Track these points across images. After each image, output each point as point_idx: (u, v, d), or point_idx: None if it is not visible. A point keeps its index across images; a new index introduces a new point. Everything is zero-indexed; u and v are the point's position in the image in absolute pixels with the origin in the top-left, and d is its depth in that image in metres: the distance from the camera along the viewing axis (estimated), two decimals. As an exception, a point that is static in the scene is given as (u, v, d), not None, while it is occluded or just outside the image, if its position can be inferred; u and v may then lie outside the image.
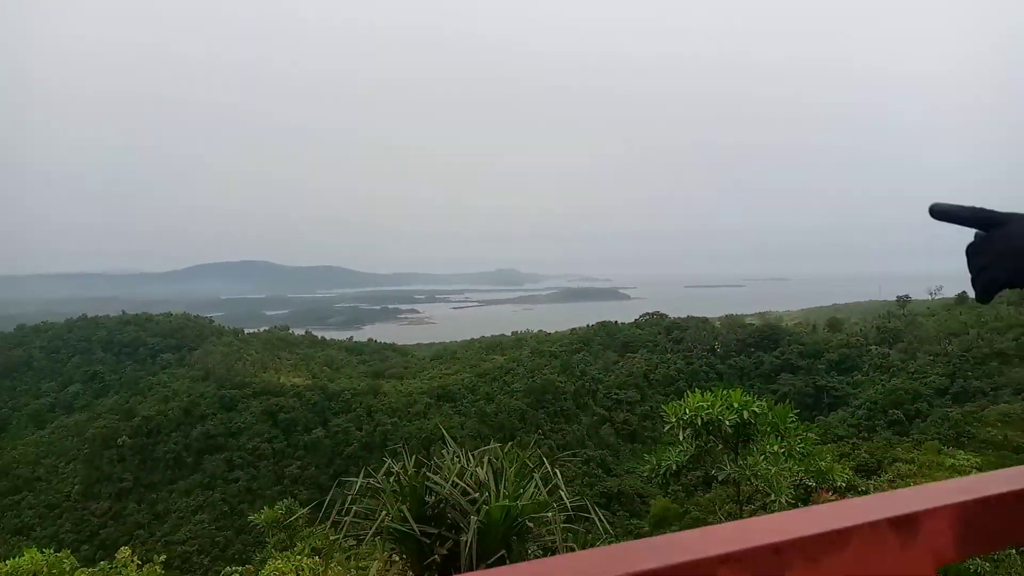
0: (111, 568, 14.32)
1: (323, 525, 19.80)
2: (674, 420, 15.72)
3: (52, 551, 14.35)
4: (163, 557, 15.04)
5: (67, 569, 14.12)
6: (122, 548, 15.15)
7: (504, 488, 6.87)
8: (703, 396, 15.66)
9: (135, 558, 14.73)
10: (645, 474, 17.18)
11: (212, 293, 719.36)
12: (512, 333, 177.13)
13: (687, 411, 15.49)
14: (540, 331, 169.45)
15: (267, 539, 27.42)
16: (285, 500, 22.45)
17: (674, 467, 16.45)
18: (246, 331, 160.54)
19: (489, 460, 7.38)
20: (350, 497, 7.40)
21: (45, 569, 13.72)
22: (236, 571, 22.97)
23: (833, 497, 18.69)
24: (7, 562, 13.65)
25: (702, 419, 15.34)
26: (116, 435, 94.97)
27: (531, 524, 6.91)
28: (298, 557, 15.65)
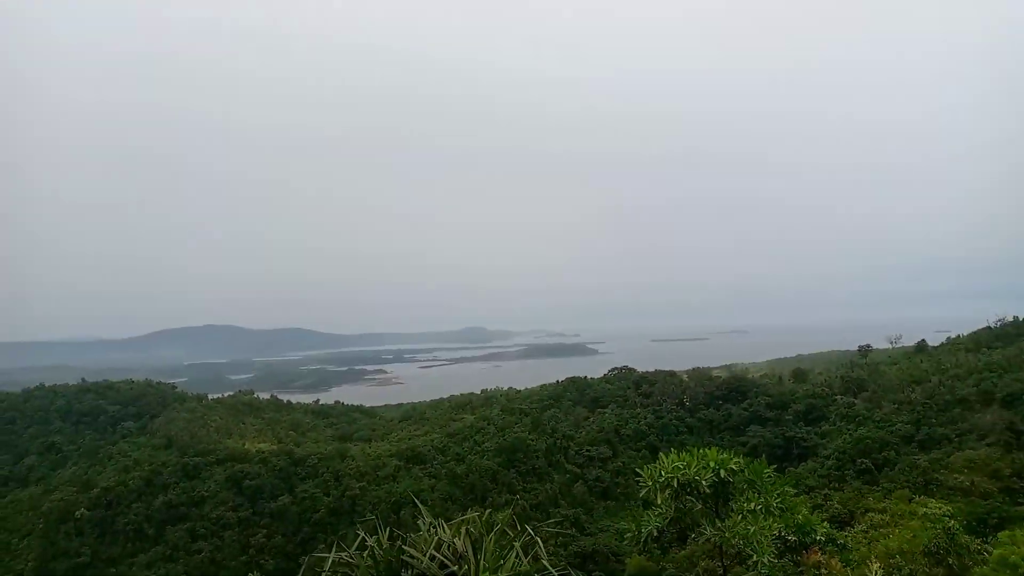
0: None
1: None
2: (651, 484, 15.95)
3: None
4: None
5: None
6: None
7: (484, 559, 7.01)
8: (679, 456, 15.93)
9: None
10: (626, 540, 17.28)
11: (175, 359, 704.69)
12: (481, 391, 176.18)
13: (663, 473, 15.76)
14: (510, 388, 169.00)
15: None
16: (251, 573, 22.13)
17: (655, 532, 16.62)
18: (210, 396, 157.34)
19: (467, 530, 7.48)
20: (323, 573, 7.43)
21: None
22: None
23: (823, 558, 19.01)
24: None
25: (679, 481, 15.60)
26: (74, 508, 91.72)
27: None
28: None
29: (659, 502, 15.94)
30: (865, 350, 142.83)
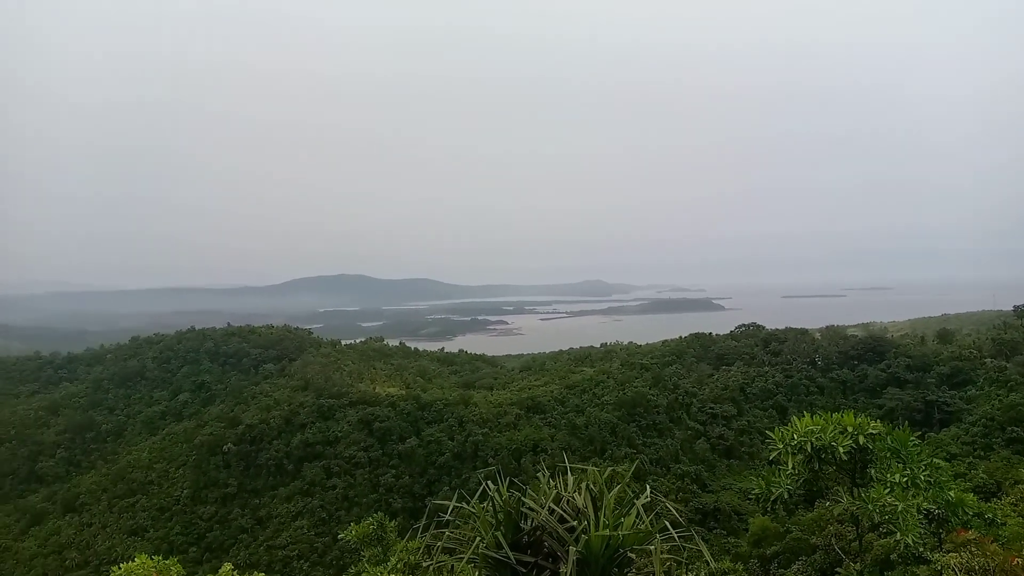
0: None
1: (416, 541, 19.85)
2: (781, 447, 14.78)
3: (161, 558, 14.76)
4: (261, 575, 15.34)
5: (174, 575, 14.48)
6: (225, 564, 15.49)
7: (604, 516, 6.63)
8: (813, 420, 14.68)
9: (235, 573, 15.01)
10: (752, 496, 16.25)
11: (310, 306, 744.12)
12: (601, 345, 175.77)
13: (795, 436, 14.56)
14: (630, 342, 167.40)
15: (362, 551, 27.77)
16: (378, 513, 22.64)
17: (785, 495, 15.47)
18: (343, 342, 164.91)
19: (587, 485, 7.07)
20: (444, 520, 7.24)
21: (155, 574, 14.10)
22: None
23: (971, 535, 17.23)
24: (121, 566, 14.10)
25: (812, 445, 14.35)
26: (222, 442, 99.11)
27: (633, 556, 6.65)
28: (393, 575, 15.67)
29: (790, 466, 14.77)
30: (1021, 310, 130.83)
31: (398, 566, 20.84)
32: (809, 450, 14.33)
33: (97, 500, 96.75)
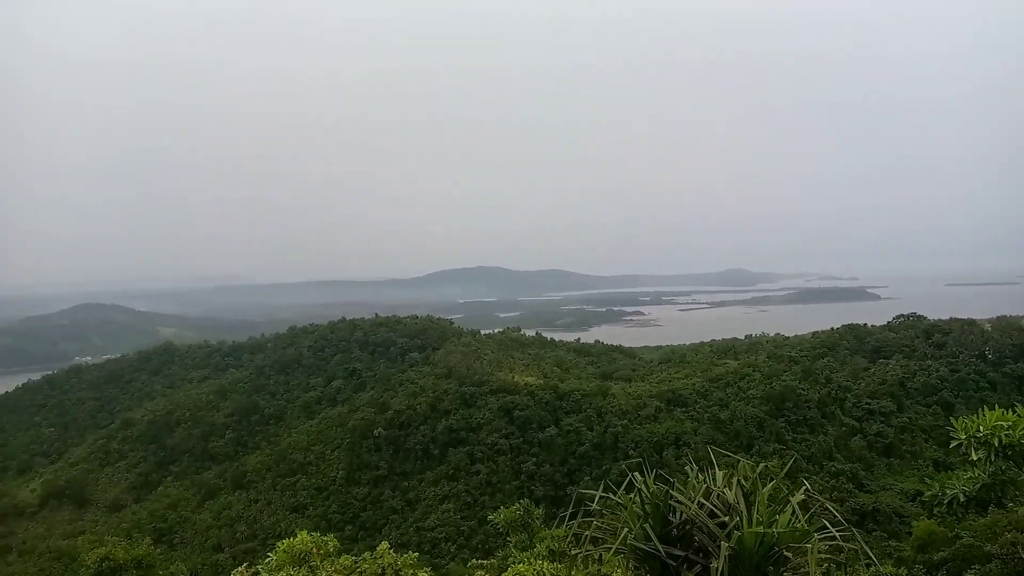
0: (372, 557, 15.58)
1: (561, 528, 20.16)
2: (964, 437, 13.83)
3: (319, 534, 15.84)
4: (415, 555, 16.15)
5: (332, 551, 15.52)
6: (382, 543, 16.41)
7: (757, 512, 6.48)
8: (1004, 415, 13.61)
9: (392, 551, 15.87)
10: (925, 500, 15.27)
11: (451, 297, 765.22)
12: (745, 336, 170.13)
13: (981, 428, 13.57)
14: (777, 334, 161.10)
15: (508, 537, 28.48)
16: (523, 500, 23.19)
17: (961, 497, 14.47)
18: (482, 332, 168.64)
19: (739, 480, 6.94)
20: (591, 508, 7.29)
21: (315, 550, 15.19)
22: (480, 564, 24.04)
23: None
24: (283, 541, 15.26)
25: (1000, 440, 13.32)
26: (372, 427, 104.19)
27: (789, 554, 6.45)
28: (539, 562, 16.06)
29: (973, 457, 13.73)
30: None
31: (544, 552, 21.33)
32: (997, 445, 13.36)
33: (262, 478, 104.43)
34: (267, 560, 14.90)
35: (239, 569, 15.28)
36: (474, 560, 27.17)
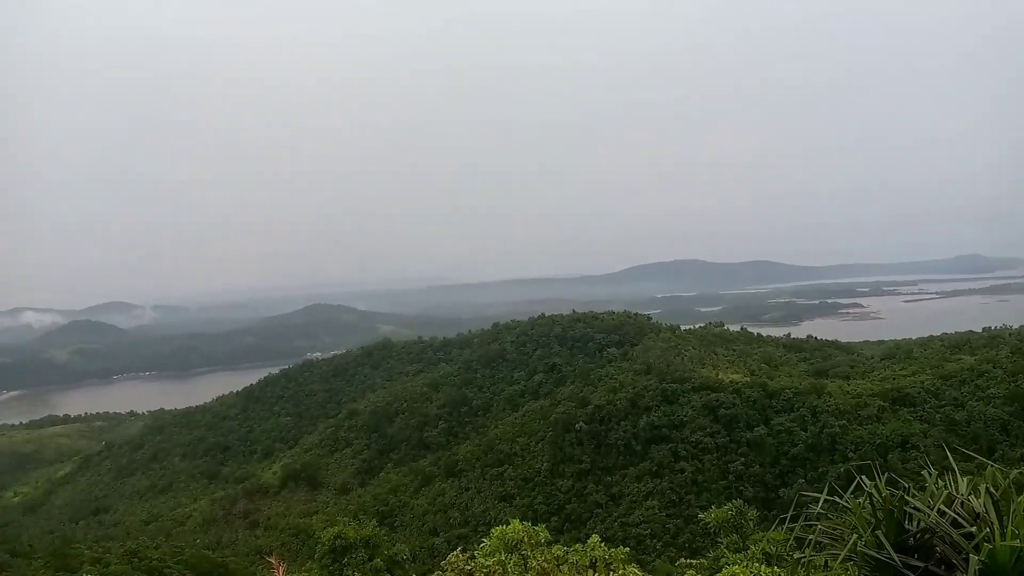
0: (583, 549, 15.90)
1: (779, 531, 19.33)
2: None
3: (530, 524, 16.38)
4: (626, 550, 16.28)
5: (542, 541, 15.99)
6: (593, 536, 16.70)
7: (1011, 524, 5.83)
8: None
9: (603, 545, 16.11)
10: None
11: (648, 292, 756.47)
12: (983, 329, 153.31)
13: None
14: (1023, 327, 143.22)
15: (719, 538, 27.78)
16: (735, 500, 22.52)
17: None
18: (682, 328, 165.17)
19: (986, 488, 6.35)
20: (812, 512, 6.97)
21: (526, 539, 15.72)
22: (690, 563, 23.73)
23: None
24: (497, 528, 15.94)
25: None
26: (574, 421, 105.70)
27: None
28: (756, 564, 15.59)
29: None
30: None
31: (758, 555, 20.59)
32: None
33: (472, 467, 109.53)
34: (482, 545, 15.62)
35: (455, 553, 16.22)
36: (682, 559, 26.88)
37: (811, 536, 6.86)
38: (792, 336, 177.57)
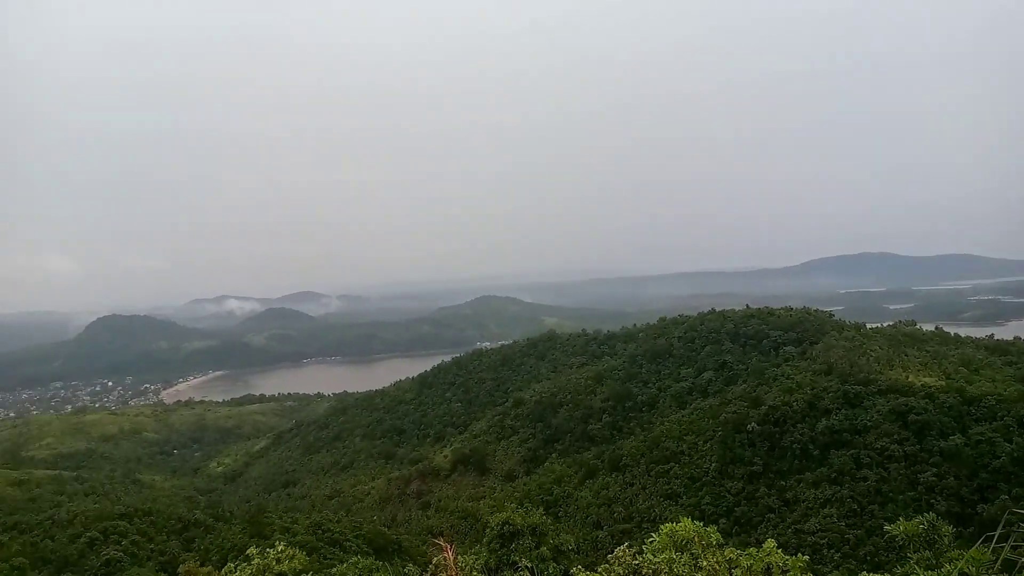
0: (757, 553, 14.92)
1: (980, 550, 17.15)
2: None
3: (701, 524, 15.59)
4: (805, 558, 15.11)
5: (713, 542, 15.17)
6: (769, 541, 15.61)
7: None
8: None
9: (779, 550, 15.05)
10: None
11: (829, 287, 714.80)
12: None
13: None
14: None
15: (908, 553, 25.24)
16: (926, 514, 20.21)
17: None
18: (867, 326, 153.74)
19: None
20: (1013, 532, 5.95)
21: (696, 539, 14.99)
22: (873, 577, 21.66)
23: None
24: (666, 525, 15.31)
25: None
26: (745, 421, 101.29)
27: None
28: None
29: None
30: None
31: (954, 575, 18.39)
32: None
33: (636, 463, 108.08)
34: (650, 541, 15.27)
35: (622, 547, 15.91)
36: (864, 573, 24.80)
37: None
38: (996, 337, 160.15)
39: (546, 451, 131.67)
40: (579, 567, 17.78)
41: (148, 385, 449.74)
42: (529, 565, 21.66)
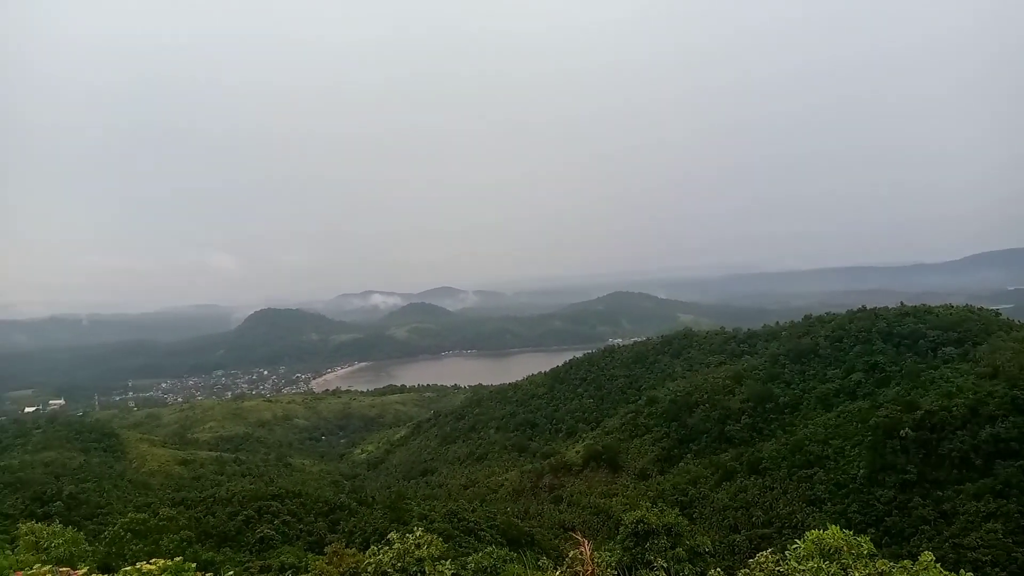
0: (913, 567, 13.93)
1: None
2: None
3: (851, 533, 14.73)
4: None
5: (864, 552, 14.29)
6: (925, 554, 14.50)
7: None
8: None
9: (938, 565, 13.99)
10: None
11: (995, 283, 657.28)
12: None
13: None
14: None
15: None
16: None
17: None
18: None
19: None
20: None
21: (845, 548, 14.19)
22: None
23: None
24: (812, 532, 14.61)
25: None
26: (898, 426, 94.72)
27: None
28: None
29: None
30: None
31: None
32: None
33: (777, 466, 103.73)
34: (794, 547, 14.71)
35: (765, 553, 15.45)
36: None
37: None
38: None
39: (680, 451, 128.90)
40: (717, 569, 17.34)
41: (299, 374, 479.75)
42: (665, 565, 21.36)
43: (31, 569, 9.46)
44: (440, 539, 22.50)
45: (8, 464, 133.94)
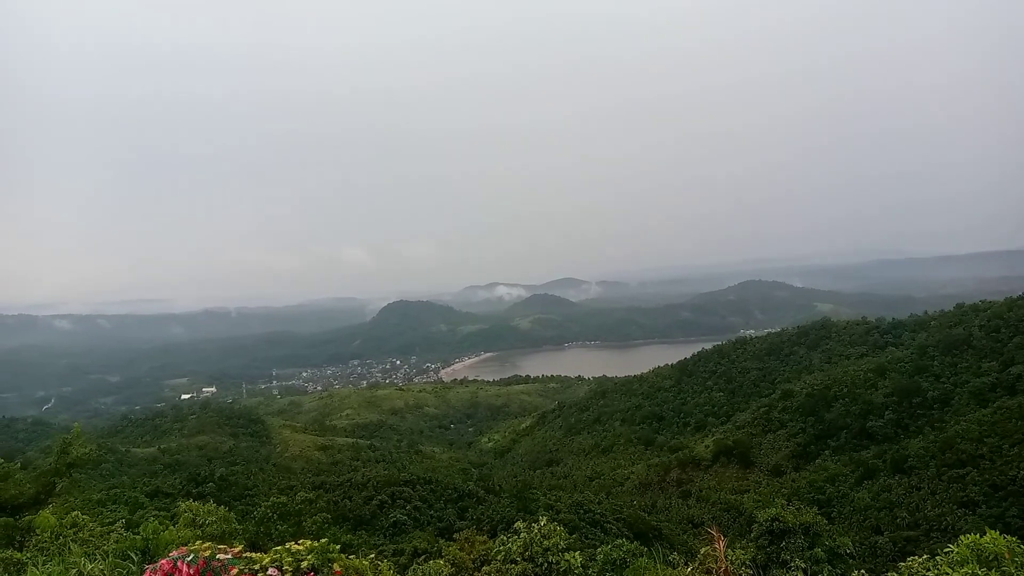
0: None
1: None
2: None
3: (1015, 539, 13.44)
4: None
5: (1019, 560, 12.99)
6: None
7: None
8: None
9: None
10: None
11: None
12: None
13: None
14: None
15: None
16: None
17: None
18: None
19: None
20: None
21: (1007, 555, 12.92)
22: None
23: None
24: (967, 536, 13.51)
25: None
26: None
27: None
28: None
29: None
30: None
31: None
32: None
33: (925, 465, 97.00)
34: (947, 552, 13.63)
35: (915, 558, 14.49)
36: None
37: None
38: None
39: (817, 447, 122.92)
40: (860, 572, 16.38)
41: (429, 364, 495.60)
42: (803, 566, 20.44)
43: (193, 544, 10.07)
44: (565, 530, 22.44)
45: (168, 447, 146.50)
